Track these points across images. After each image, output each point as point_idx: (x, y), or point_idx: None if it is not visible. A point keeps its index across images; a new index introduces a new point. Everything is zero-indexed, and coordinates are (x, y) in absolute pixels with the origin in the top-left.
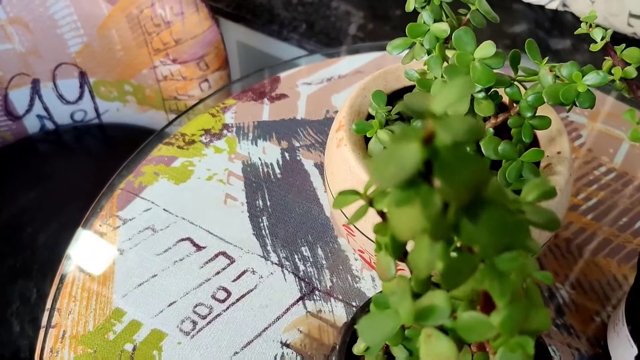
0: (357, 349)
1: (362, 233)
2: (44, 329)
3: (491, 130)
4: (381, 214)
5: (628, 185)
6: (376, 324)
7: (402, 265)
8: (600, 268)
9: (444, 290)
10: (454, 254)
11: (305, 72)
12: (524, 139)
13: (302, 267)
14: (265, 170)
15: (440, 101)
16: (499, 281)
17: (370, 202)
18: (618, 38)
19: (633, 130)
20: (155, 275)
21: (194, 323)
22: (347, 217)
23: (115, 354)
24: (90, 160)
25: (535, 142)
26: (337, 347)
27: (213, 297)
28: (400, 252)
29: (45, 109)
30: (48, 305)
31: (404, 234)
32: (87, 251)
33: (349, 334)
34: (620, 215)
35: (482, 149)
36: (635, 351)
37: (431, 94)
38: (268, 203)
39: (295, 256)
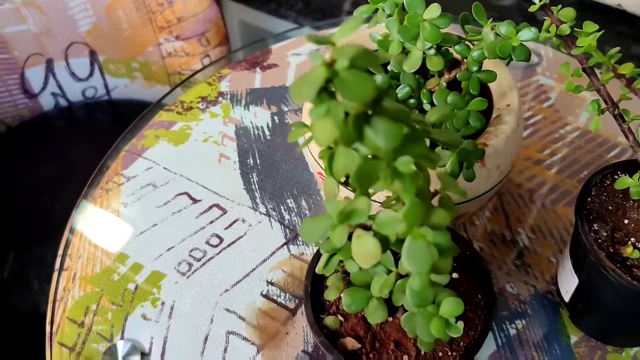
0: (318, 268)
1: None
2: (57, 271)
3: (444, 84)
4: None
5: (591, 142)
6: (314, 225)
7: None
8: (559, 215)
9: (366, 197)
10: None
11: (295, 43)
12: (471, 90)
13: (287, 217)
14: (256, 132)
15: (339, 34)
16: (401, 181)
17: None
18: (604, 10)
19: (568, 82)
20: (155, 225)
21: (190, 265)
22: (322, 167)
23: (119, 292)
24: (101, 135)
25: (489, 97)
26: (306, 271)
27: (207, 242)
28: None
29: (59, 86)
30: (60, 251)
31: (322, 141)
32: (95, 205)
33: (316, 260)
34: (581, 169)
35: (434, 99)
36: (576, 281)
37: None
38: (258, 161)
39: (282, 207)
